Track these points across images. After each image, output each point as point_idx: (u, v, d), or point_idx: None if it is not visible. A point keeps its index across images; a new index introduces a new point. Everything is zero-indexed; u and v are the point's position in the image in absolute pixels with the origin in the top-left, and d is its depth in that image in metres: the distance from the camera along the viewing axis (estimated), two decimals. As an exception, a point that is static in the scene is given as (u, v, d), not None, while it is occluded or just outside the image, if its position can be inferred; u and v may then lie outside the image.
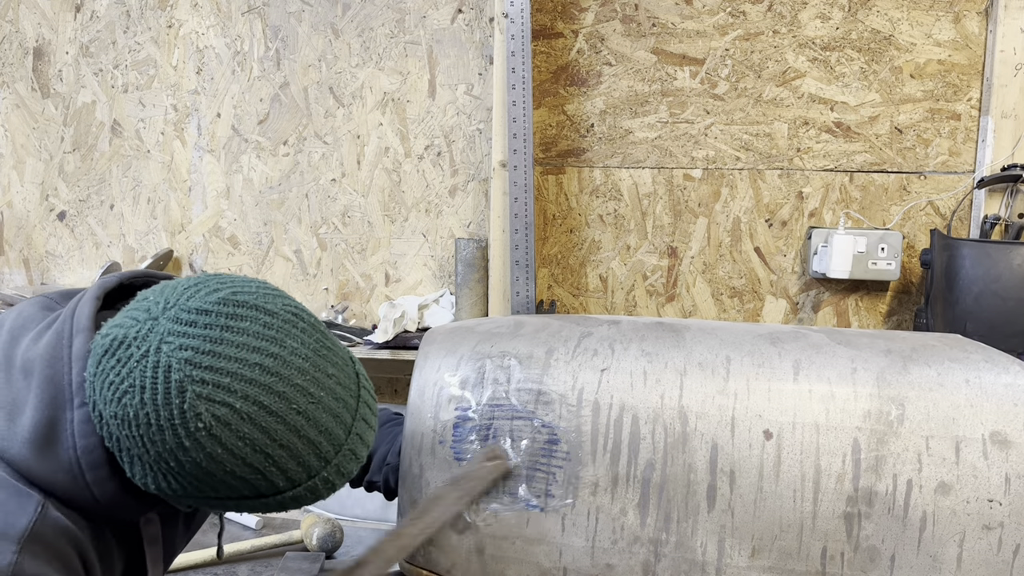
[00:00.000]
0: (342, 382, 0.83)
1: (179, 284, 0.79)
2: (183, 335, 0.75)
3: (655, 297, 2.02)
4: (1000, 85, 1.79)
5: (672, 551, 1.10)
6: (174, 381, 0.74)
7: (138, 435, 0.76)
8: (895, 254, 1.83)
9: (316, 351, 0.80)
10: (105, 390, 0.76)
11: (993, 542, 1.05)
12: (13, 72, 2.26)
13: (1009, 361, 1.14)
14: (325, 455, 0.81)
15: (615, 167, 2.00)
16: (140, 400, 0.74)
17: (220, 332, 0.76)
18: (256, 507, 0.82)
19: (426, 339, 1.26)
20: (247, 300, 0.78)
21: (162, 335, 0.75)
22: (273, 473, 0.78)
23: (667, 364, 1.15)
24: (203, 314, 0.76)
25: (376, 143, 2.10)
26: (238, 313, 0.77)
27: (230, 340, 0.76)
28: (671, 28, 1.94)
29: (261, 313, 0.78)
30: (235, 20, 2.13)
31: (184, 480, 0.78)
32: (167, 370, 0.74)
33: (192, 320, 0.76)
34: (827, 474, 1.07)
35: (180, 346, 0.74)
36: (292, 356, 0.78)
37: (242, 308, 0.77)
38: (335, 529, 1.69)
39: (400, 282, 2.13)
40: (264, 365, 0.76)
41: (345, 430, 0.83)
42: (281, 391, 0.77)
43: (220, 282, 0.80)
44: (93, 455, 0.80)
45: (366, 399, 0.86)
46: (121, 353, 0.76)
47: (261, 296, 0.80)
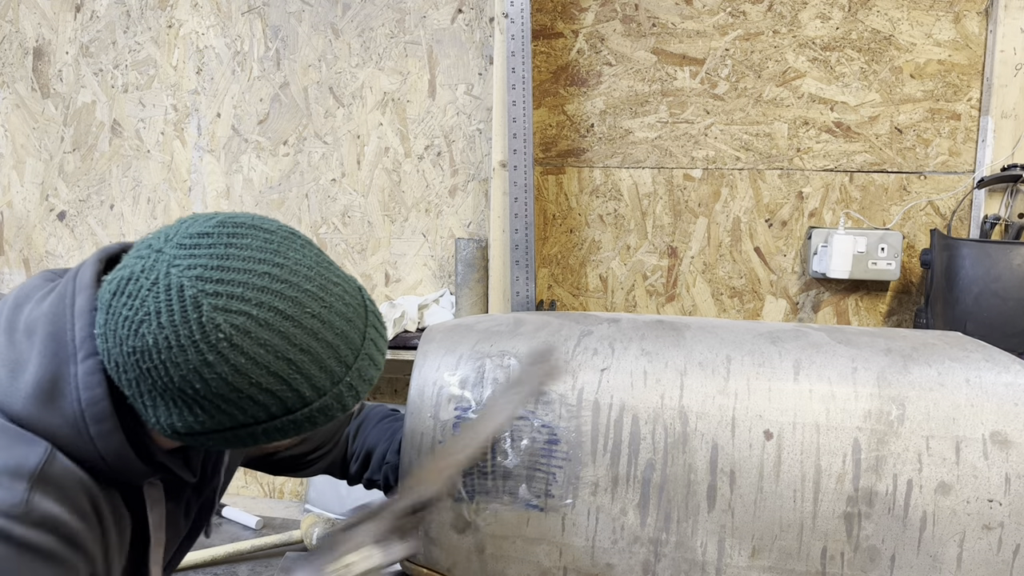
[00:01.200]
0: (348, 291, 0.85)
1: (176, 222, 0.82)
2: (189, 256, 0.76)
3: (655, 297, 2.02)
4: (1000, 85, 1.79)
5: (672, 551, 1.10)
6: (188, 298, 0.75)
7: (160, 362, 0.75)
8: (895, 254, 1.83)
9: (318, 262, 0.83)
10: (120, 328, 0.76)
11: (993, 542, 1.05)
12: (13, 72, 2.26)
13: (1010, 360, 1.14)
14: (344, 359, 0.82)
15: (615, 167, 2.00)
16: (158, 324, 0.75)
17: (224, 249, 0.77)
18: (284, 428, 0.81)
19: (425, 337, 1.26)
20: (244, 221, 0.81)
21: (168, 261, 0.76)
22: (297, 381, 0.79)
23: (667, 364, 1.15)
24: (205, 236, 0.78)
25: (376, 143, 2.10)
26: (238, 232, 0.79)
27: (235, 255, 0.77)
28: (671, 28, 1.94)
29: (259, 231, 0.81)
30: (235, 20, 2.13)
31: (211, 406, 0.78)
32: (180, 289, 0.75)
33: (195, 243, 0.77)
34: (827, 474, 1.07)
35: (188, 266, 0.76)
36: (297, 266, 0.80)
37: (241, 228, 0.80)
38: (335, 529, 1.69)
39: (400, 282, 2.13)
40: (272, 274, 0.78)
41: (359, 335, 0.84)
42: (292, 296, 0.78)
43: (215, 212, 0.83)
44: (98, 407, 0.80)
45: (373, 309, 0.89)
46: (131, 288, 0.76)
47: (257, 218, 0.83)
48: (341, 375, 0.82)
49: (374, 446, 1.27)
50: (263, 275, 0.78)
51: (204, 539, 1.72)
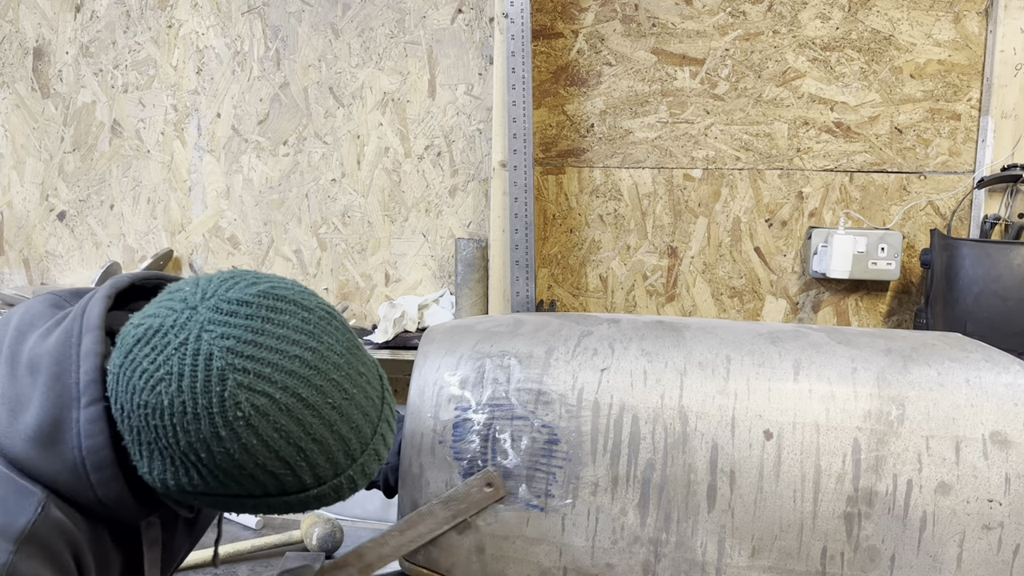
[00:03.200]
0: (371, 382, 0.84)
1: (214, 277, 0.80)
2: (225, 324, 0.75)
3: (655, 297, 2.02)
4: (1000, 85, 1.79)
5: (672, 551, 1.10)
6: (215, 369, 0.74)
7: (170, 424, 0.74)
8: (895, 254, 1.83)
9: (349, 349, 0.81)
10: (136, 379, 0.75)
11: (993, 542, 1.05)
12: (13, 72, 2.26)
13: (1010, 361, 1.14)
14: (352, 453, 0.81)
15: (615, 167, 2.00)
16: (177, 387, 0.74)
17: (261, 324, 0.76)
18: (276, 506, 0.81)
19: (425, 338, 1.26)
20: (286, 295, 0.79)
21: (202, 324, 0.75)
22: (302, 468, 0.78)
23: (667, 364, 1.15)
24: (244, 305, 0.76)
25: (376, 143, 2.10)
26: (278, 307, 0.78)
27: (271, 332, 0.76)
28: (671, 28, 1.94)
29: (299, 308, 0.79)
30: (235, 20, 2.13)
31: (209, 475, 0.77)
32: (208, 357, 0.74)
33: (233, 311, 0.76)
34: (827, 474, 1.07)
35: (222, 335, 0.74)
36: (329, 352, 0.79)
37: (282, 302, 0.78)
38: (335, 529, 1.69)
39: (400, 282, 2.13)
40: (304, 358, 0.77)
41: (372, 429, 0.84)
42: (319, 385, 0.77)
43: (256, 276, 0.81)
44: (99, 455, 0.79)
45: (389, 401, 0.88)
46: (157, 341, 0.75)
47: (298, 292, 0.81)
48: (345, 467, 0.82)
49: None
50: (294, 358, 0.76)
51: (204, 539, 1.72)
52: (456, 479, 1.14)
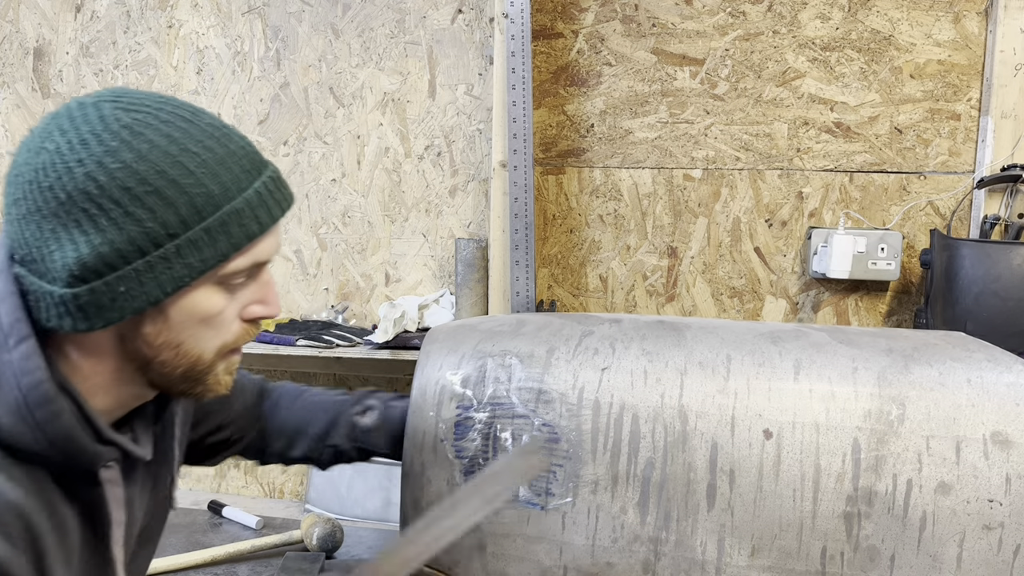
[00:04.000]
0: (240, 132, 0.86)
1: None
2: (90, 94, 0.79)
3: (655, 297, 2.02)
4: (1000, 85, 1.79)
5: (672, 550, 1.10)
6: (91, 104, 0.76)
7: (63, 168, 0.73)
8: (895, 254, 1.83)
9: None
10: (22, 156, 0.76)
11: (993, 542, 1.05)
12: (13, 72, 2.26)
13: (1012, 360, 1.14)
14: (249, 170, 0.81)
15: (615, 167, 2.00)
16: (60, 132, 0.75)
17: (123, 88, 0.80)
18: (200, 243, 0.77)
19: (428, 338, 1.26)
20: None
21: (66, 104, 0.79)
22: (204, 175, 0.77)
23: (668, 363, 1.15)
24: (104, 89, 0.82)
25: (376, 143, 2.10)
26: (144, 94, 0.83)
27: (132, 91, 0.80)
28: (671, 28, 1.94)
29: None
30: (235, 20, 2.13)
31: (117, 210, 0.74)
32: (80, 104, 0.77)
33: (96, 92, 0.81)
34: (827, 474, 1.07)
35: (88, 95, 0.79)
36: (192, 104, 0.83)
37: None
38: (335, 529, 1.69)
39: (400, 282, 2.13)
40: (171, 99, 0.80)
41: (261, 159, 0.84)
42: (192, 109, 0.80)
43: None
44: (40, 390, 0.75)
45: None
46: (35, 128, 0.78)
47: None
48: (248, 183, 0.80)
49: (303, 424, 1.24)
50: (162, 97, 0.80)
51: (204, 539, 1.72)
52: (457, 477, 1.14)
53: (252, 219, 0.80)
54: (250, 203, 0.80)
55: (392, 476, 2.03)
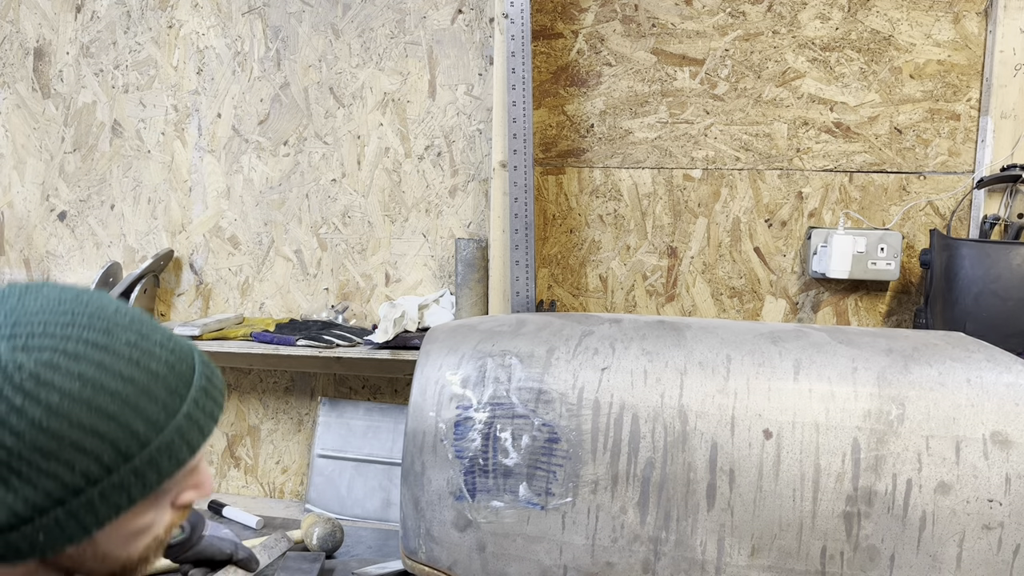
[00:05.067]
0: (164, 329, 0.76)
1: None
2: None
3: (655, 297, 2.02)
4: (1000, 85, 1.79)
5: (672, 549, 1.10)
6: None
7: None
8: (895, 254, 1.83)
9: (127, 308, 0.74)
10: None
11: (993, 542, 1.05)
12: (14, 72, 2.26)
13: (1011, 361, 1.14)
14: (176, 389, 0.72)
15: (615, 167, 2.00)
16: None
17: (17, 301, 0.69)
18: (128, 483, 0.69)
19: (428, 338, 1.26)
20: (37, 282, 0.73)
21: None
22: (126, 415, 0.67)
23: (667, 363, 1.15)
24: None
25: (376, 143, 2.10)
26: (31, 287, 0.71)
27: (31, 303, 0.68)
28: (671, 28, 1.95)
29: (54, 285, 0.73)
30: (235, 20, 2.13)
31: (31, 469, 0.65)
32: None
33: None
34: (827, 473, 1.07)
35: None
36: (103, 303, 0.71)
37: (33, 284, 0.72)
38: (335, 529, 1.69)
39: (400, 282, 2.13)
40: (76, 311, 0.69)
41: (188, 365, 0.75)
42: (104, 327, 0.69)
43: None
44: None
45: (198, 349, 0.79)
46: None
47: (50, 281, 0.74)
48: (176, 407, 0.71)
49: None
50: (65, 313, 0.68)
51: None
52: (457, 477, 1.14)
53: (182, 446, 0.72)
54: (180, 430, 0.72)
55: (392, 476, 2.03)
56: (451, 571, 1.16)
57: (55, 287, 0.72)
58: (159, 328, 0.75)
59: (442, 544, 1.15)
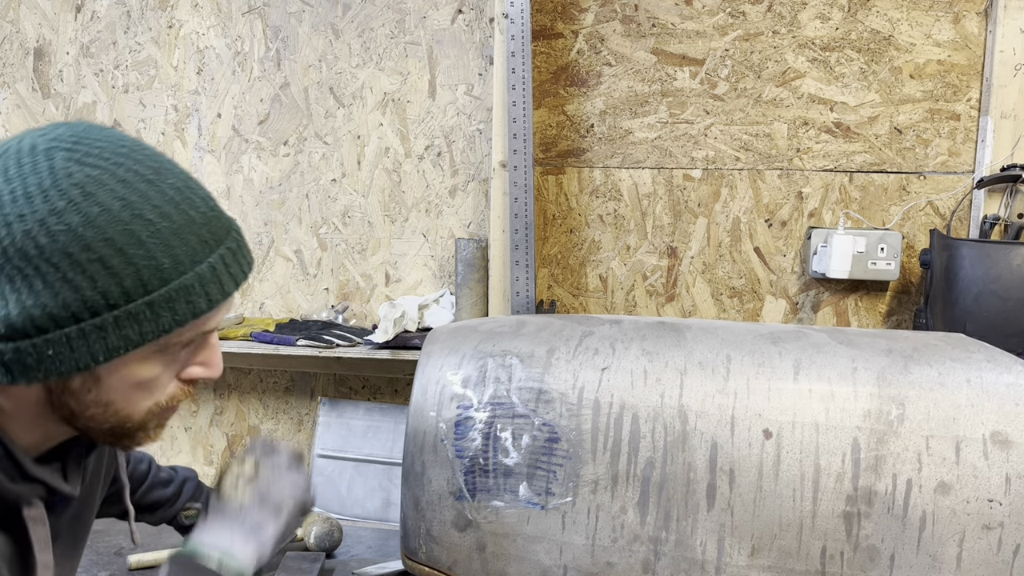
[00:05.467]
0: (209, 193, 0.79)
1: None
2: (48, 130, 0.72)
3: (655, 297, 2.02)
4: (1000, 85, 1.79)
5: (672, 549, 1.10)
6: (42, 151, 0.69)
7: (1, 221, 0.66)
8: (895, 254, 1.83)
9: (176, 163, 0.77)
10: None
11: (993, 542, 1.05)
12: (14, 72, 2.26)
13: (1011, 361, 1.14)
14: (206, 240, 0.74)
15: (615, 167, 2.00)
16: (4, 180, 0.67)
17: (84, 128, 0.73)
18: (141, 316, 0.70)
19: (429, 338, 1.26)
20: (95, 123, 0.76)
21: (23, 135, 0.71)
22: (155, 246, 0.70)
23: (667, 363, 1.15)
24: (63, 123, 0.74)
25: (376, 143, 2.10)
26: (98, 125, 0.75)
27: (96, 131, 0.73)
28: (671, 28, 1.95)
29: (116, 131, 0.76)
30: (235, 20, 2.13)
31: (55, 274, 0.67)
32: (32, 147, 0.69)
33: (54, 126, 0.73)
34: (827, 473, 1.07)
35: (44, 133, 0.71)
36: (161, 157, 0.75)
37: (102, 125, 0.75)
38: (333, 528, 1.69)
39: (400, 282, 2.13)
40: (134, 147, 0.72)
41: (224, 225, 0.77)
42: (154, 166, 0.72)
43: None
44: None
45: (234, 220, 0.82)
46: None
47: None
48: (204, 255, 0.73)
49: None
50: (123, 146, 0.72)
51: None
52: (458, 477, 1.14)
53: (201, 295, 0.73)
54: (201, 278, 0.73)
55: (392, 476, 2.03)
56: (451, 571, 1.16)
57: (120, 132, 0.75)
58: (207, 191, 0.77)
59: (442, 544, 1.15)
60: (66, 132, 0.71)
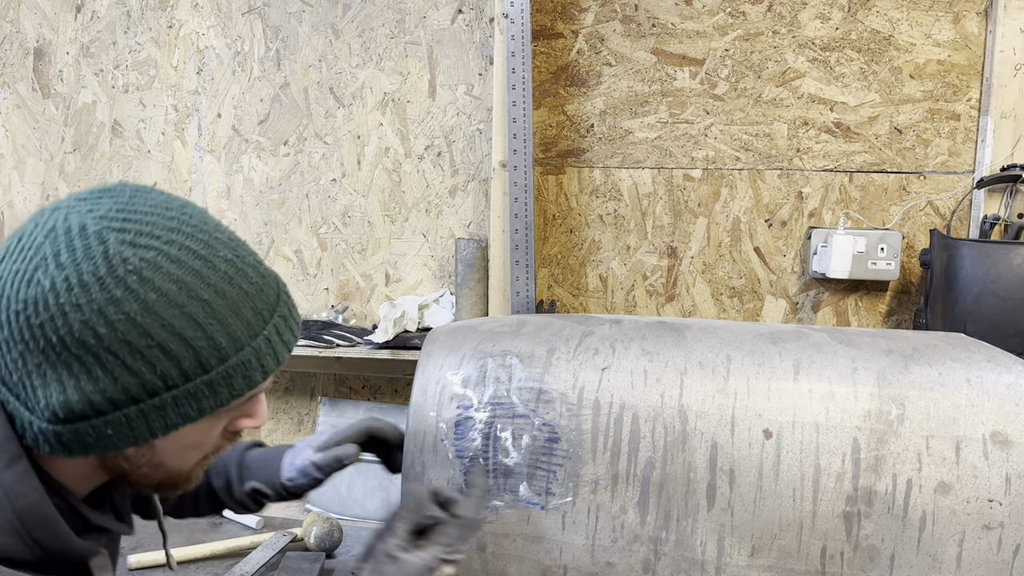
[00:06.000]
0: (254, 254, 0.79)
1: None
2: (92, 204, 0.70)
3: (655, 297, 2.02)
4: (1000, 85, 1.79)
5: (672, 549, 1.10)
6: (92, 233, 0.67)
7: (57, 308, 0.66)
8: (895, 254, 1.83)
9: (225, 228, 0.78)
10: (9, 286, 0.67)
11: (993, 542, 1.05)
12: (14, 72, 2.26)
13: (1012, 361, 1.14)
14: (261, 311, 0.75)
15: (615, 167, 2.00)
16: (56, 265, 0.66)
17: (129, 198, 0.71)
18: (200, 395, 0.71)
19: (429, 338, 1.26)
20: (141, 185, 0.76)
21: (67, 210, 0.69)
22: (213, 327, 0.70)
23: (667, 363, 1.15)
24: (107, 190, 0.73)
25: (376, 143, 2.10)
26: (142, 188, 0.74)
27: (141, 201, 0.71)
28: (671, 28, 1.95)
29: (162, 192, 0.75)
30: (235, 20, 2.13)
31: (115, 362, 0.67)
32: (82, 228, 0.68)
33: (97, 195, 0.72)
34: (827, 473, 1.07)
35: (90, 210, 0.69)
36: (206, 219, 0.74)
37: (143, 187, 0.75)
38: (333, 528, 1.69)
39: (400, 282, 2.13)
40: (180, 219, 0.72)
41: (274, 291, 0.78)
42: (204, 239, 0.72)
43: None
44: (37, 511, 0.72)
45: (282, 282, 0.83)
46: (23, 243, 0.68)
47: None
48: (259, 329, 0.74)
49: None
50: (172, 218, 0.71)
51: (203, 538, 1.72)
52: (458, 477, 1.14)
53: (257, 368, 0.75)
54: (258, 352, 0.75)
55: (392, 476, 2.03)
56: (451, 571, 1.16)
57: (163, 194, 0.74)
58: (252, 252, 0.78)
59: (442, 544, 1.15)
60: (112, 207, 0.70)
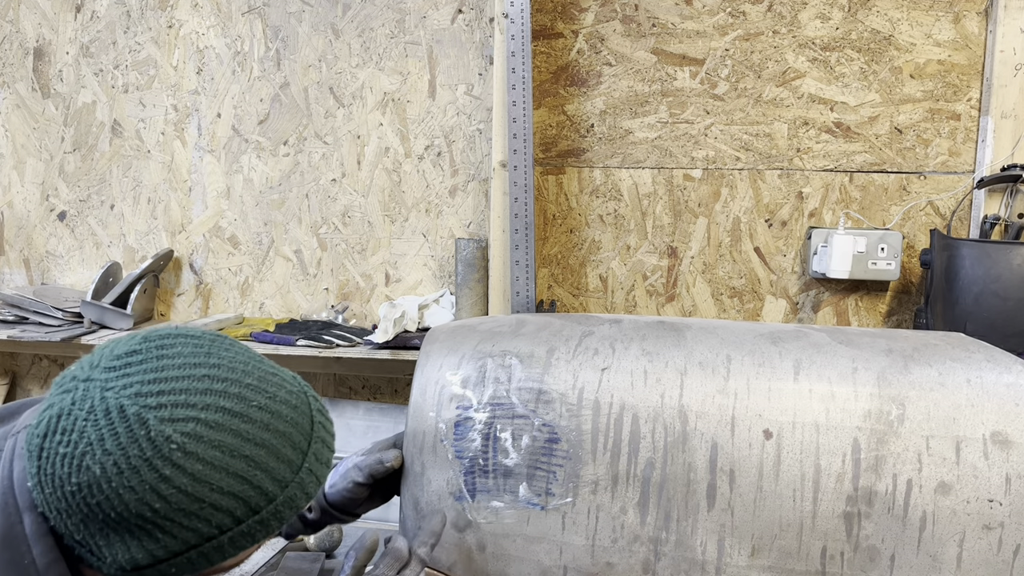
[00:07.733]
0: (286, 379, 0.84)
1: (95, 350, 0.79)
2: (122, 376, 0.75)
3: (655, 297, 2.02)
4: (1000, 85, 1.79)
5: (672, 550, 1.10)
6: (132, 416, 0.72)
7: (111, 491, 0.72)
8: (895, 254, 1.83)
9: (251, 357, 0.83)
10: (59, 469, 0.72)
11: (993, 542, 1.05)
12: (14, 72, 2.26)
13: (1011, 361, 1.14)
14: (299, 446, 0.81)
15: (615, 167, 2.00)
16: (103, 451, 0.72)
17: (156, 362, 0.76)
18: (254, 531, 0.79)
19: (428, 338, 1.26)
20: (168, 332, 0.80)
21: (101, 386, 0.74)
22: (258, 477, 0.77)
23: (668, 363, 1.15)
24: (132, 354, 0.77)
25: (376, 143, 2.10)
26: (165, 343, 0.78)
27: (169, 364, 0.76)
28: (671, 28, 1.94)
29: (186, 338, 0.80)
30: (235, 20, 2.13)
31: (173, 526, 0.74)
32: (120, 410, 0.73)
33: (125, 363, 0.76)
34: (827, 474, 1.07)
35: (123, 386, 0.74)
36: (233, 363, 0.80)
37: (167, 338, 0.79)
38: (333, 528, 1.69)
39: (400, 282, 2.13)
40: (211, 376, 0.77)
41: (308, 420, 0.84)
42: (236, 393, 0.77)
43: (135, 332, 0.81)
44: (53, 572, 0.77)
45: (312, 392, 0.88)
46: (64, 424, 0.73)
47: (180, 328, 0.82)
48: (299, 463, 0.81)
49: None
50: (202, 378, 0.76)
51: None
52: (457, 477, 1.14)
53: (303, 498, 0.82)
54: (302, 485, 0.81)
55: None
56: (451, 571, 1.16)
57: (185, 341, 0.80)
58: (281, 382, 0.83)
59: (441, 544, 1.15)
60: (144, 378, 0.74)
